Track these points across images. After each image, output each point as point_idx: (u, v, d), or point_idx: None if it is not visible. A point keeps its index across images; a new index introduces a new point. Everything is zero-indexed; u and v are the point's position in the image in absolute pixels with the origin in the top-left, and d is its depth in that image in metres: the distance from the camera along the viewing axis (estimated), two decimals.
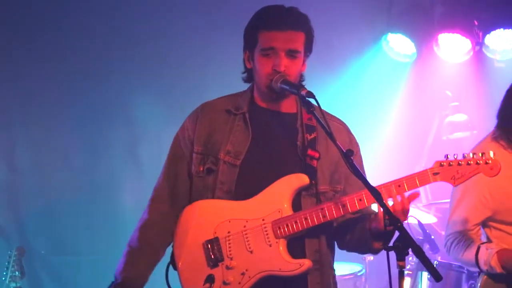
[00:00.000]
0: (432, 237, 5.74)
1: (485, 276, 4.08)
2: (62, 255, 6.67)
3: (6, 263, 5.84)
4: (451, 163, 3.28)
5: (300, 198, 3.43)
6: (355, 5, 6.80)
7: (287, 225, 3.32)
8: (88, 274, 6.62)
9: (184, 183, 3.57)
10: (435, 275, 2.95)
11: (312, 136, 3.48)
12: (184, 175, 3.57)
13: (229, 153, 3.46)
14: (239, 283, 3.35)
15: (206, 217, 3.45)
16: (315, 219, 3.30)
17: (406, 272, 5.50)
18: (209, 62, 6.50)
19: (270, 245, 3.34)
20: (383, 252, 3.04)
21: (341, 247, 3.65)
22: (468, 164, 3.25)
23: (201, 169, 3.50)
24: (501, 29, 6.60)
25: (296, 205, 3.41)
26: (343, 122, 3.66)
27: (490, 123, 4.37)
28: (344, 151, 3.18)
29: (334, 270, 3.60)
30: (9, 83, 6.54)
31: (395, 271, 3.01)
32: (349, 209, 3.29)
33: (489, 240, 4.13)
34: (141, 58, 6.70)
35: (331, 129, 3.23)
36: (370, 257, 6.08)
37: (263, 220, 3.36)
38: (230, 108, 3.55)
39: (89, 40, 6.57)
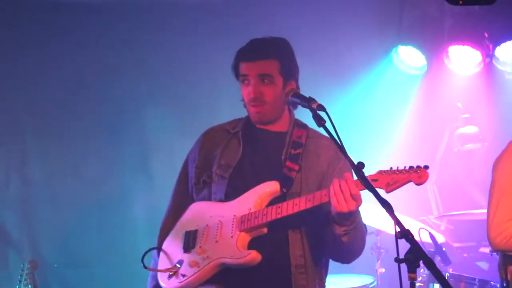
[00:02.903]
0: (444, 249, 5.73)
1: None
2: (75, 267, 6.68)
3: (19, 277, 5.85)
4: (389, 172, 3.49)
5: None
6: (365, 18, 6.83)
7: (248, 220, 3.63)
8: (101, 287, 6.63)
9: (188, 203, 3.91)
10: (447, 287, 2.96)
11: (297, 151, 3.75)
12: (188, 196, 3.93)
13: (220, 167, 3.80)
14: (198, 266, 3.66)
15: (195, 214, 3.84)
16: (272, 215, 3.57)
17: (417, 284, 5.54)
18: (221, 74, 6.50)
19: (232, 236, 3.65)
20: (395, 265, 3.05)
21: (336, 259, 3.87)
22: (401, 172, 3.47)
23: (199, 181, 3.87)
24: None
25: None
26: (331, 141, 3.70)
27: (501, 134, 4.38)
28: (355, 163, 3.31)
29: (323, 278, 3.83)
30: (21, 96, 6.58)
31: (406, 283, 3.02)
32: (300, 207, 3.53)
33: None
34: (153, 71, 6.73)
35: (341, 142, 3.34)
36: (381, 269, 6.08)
37: (234, 216, 3.68)
38: (228, 128, 3.91)
39: (101, 53, 6.60)
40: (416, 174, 3.43)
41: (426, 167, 3.45)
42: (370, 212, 4.95)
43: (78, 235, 6.63)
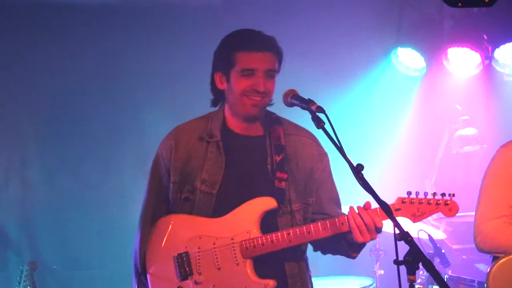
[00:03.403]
0: (443, 251, 5.73)
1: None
2: (74, 269, 6.69)
3: (18, 278, 5.87)
4: (412, 201, 3.40)
5: (276, 217, 3.58)
6: (365, 19, 6.83)
7: (254, 246, 3.48)
8: None
9: (163, 209, 3.72)
10: None
11: (280, 157, 3.62)
12: (162, 201, 3.72)
13: (204, 182, 3.60)
14: None
15: (178, 230, 3.61)
16: (281, 243, 3.47)
17: (416, 286, 5.54)
18: None
19: (237, 264, 3.49)
20: (394, 266, 3.05)
21: (323, 253, 3.76)
22: (428, 203, 3.39)
23: (178, 196, 3.65)
24: (511, 43, 6.61)
25: (273, 224, 3.56)
26: (312, 135, 3.76)
27: (499, 136, 4.39)
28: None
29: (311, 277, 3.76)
30: (21, 99, 6.59)
31: (405, 285, 3.02)
32: (314, 236, 3.45)
33: None
34: (152, 74, 6.74)
35: (341, 144, 3.29)
36: (380, 271, 6.07)
37: (232, 239, 3.51)
38: (204, 135, 3.67)
39: (100, 56, 6.61)
40: (446, 207, 3.39)
41: (453, 195, 3.39)
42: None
43: (78, 237, 6.64)
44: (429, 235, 5.72)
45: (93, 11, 6.62)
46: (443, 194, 3.38)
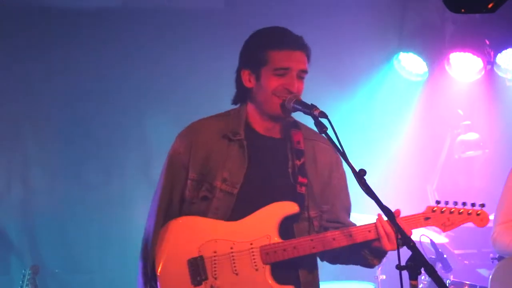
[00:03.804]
0: (445, 256, 5.73)
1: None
2: (76, 273, 6.68)
3: (21, 282, 5.87)
4: (442, 210, 3.38)
5: (293, 223, 3.50)
6: (367, 24, 6.84)
7: (275, 252, 3.40)
8: None
9: (176, 207, 3.57)
10: None
11: (301, 161, 3.54)
12: (177, 199, 3.57)
13: (225, 181, 3.49)
14: None
15: (192, 233, 3.47)
16: (305, 250, 3.40)
17: None
18: (222, 81, 6.51)
19: (257, 270, 3.40)
20: (396, 271, 3.05)
21: (331, 263, 3.71)
22: (459, 213, 3.37)
23: (196, 195, 3.52)
24: None
25: (289, 230, 3.48)
26: (327, 142, 3.64)
27: (501, 142, 4.41)
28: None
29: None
30: (23, 102, 6.60)
31: None
32: (338, 243, 3.39)
33: None
34: (154, 78, 6.75)
35: (343, 149, 3.28)
36: (382, 276, 6.07)
37: (251, 244, 3.42)
38: (227, 133, 3.56)
39: (102, 59, 6.62)
40: (478, 217, 3.38)
41: (483, 205, 3.37)
42: (371, 218, 4.95)
43: (79, 241, 6.64)
44: (431, 240, 5.72)
45: (97, 14, 6.63)
46: (473, 204, 3.37)
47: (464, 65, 6.75)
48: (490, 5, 3.57)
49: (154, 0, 6.81)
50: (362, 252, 3.49)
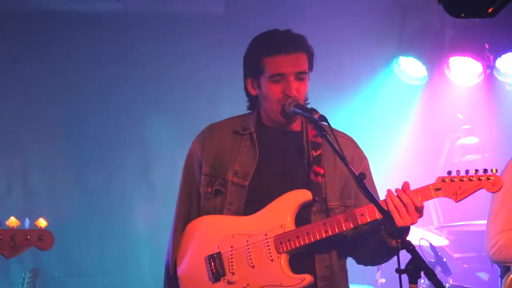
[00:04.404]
0: (444, 259, 5.74)
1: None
2: (75, 277, 6.69)
3: (20, 285, 5.87)
4: (453, 179, 3.30)
5: (310, 215, 3.46)
6: (367, 28, 6.85)
7: (289, 240, 3.37)
8: None
9: (196, 209, 3.60)
10: None
11: (318, 152, 3.51)
12: (195, 200, 3.60)
13: (236, 174, 3.50)
14: None
15: (210, 231, 3.50)
16: (317, 234, 3.34)
17: None
18: (222, 84, 6.54)
19: (272, 260, 3.38)
20: (396, 275, 3.05)
21: (358, 261, 3.65)
22: (470, 180, 3.28)
23: (209, 190, 3.54)
24: None
25: (306, 222, 3.43)
26: (350, 138, 3.69)
27: (501, 145, 4.39)
28: (357, 174, 3.23)
29: (347, 283, 3.63)
30: (23, 106, 6.62)
31: None
32: (351, 224, 3.33)
33: None
34: (154, 81, 6.76)
35: (341, 147, 3.28)
36: (382, 280, 6.06)
37: (265, 235, 3.40)
38: (238, 129, 3.58)
39: (102, 63, 6.65)
40: (489, 182, 3.27)
41: (496, 170, 3.27)
42: None
43: (79, 245, 6.64)
44: (430, 243, 5.72)
45: (97, 17, 6.65)
46: (485, 170, 3.28)
47: (463, 69, 6.76)
48: (490, 10, 3.57)
49: (154, 5, 6.81)
50: (381, 237, 3.38)
